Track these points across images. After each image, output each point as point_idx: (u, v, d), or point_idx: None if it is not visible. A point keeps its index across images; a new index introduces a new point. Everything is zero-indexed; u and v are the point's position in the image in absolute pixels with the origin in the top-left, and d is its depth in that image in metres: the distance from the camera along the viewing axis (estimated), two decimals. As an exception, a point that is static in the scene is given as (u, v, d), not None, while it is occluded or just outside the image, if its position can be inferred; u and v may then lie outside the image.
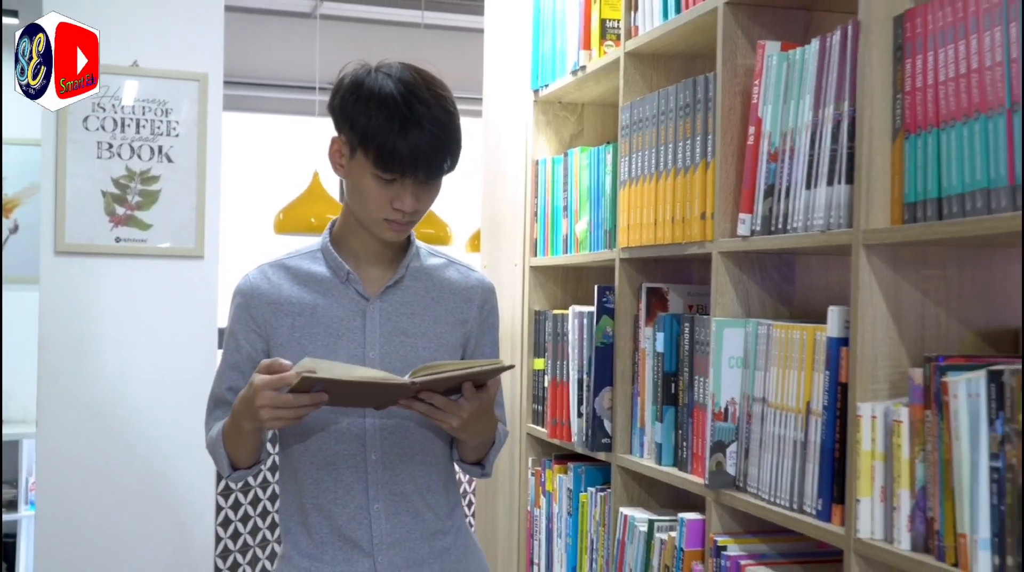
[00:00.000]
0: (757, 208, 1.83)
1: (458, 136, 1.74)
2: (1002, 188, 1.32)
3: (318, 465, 1.82)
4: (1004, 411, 1.31)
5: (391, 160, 1.68)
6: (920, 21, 1.48)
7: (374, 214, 1.75)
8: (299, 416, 1.64)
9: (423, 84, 1.72)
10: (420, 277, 1.87)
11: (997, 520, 1.32)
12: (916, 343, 1.56)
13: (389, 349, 1.81)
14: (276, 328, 1.81)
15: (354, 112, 1.71)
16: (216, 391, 1.89)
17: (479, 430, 1.76)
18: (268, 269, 1.87)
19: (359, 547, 1.82)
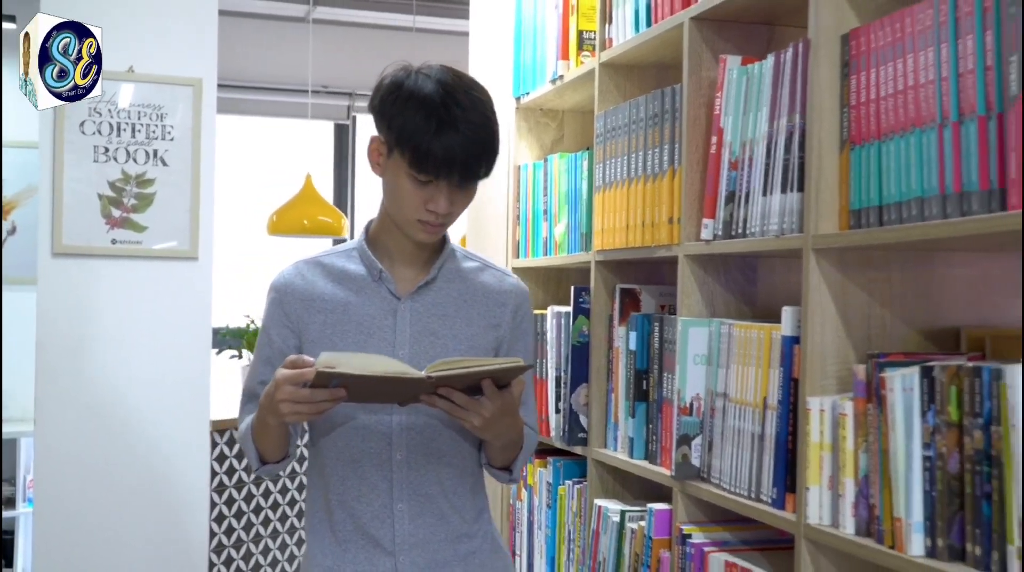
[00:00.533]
0: (719, 213, 1.93)
1: (494, 141, 1.74)
2: (934, 197, 1.42)
3: (344, 462, 1.82)
4: (935, 404, 1.41)
5: (426, 161, 1.69)
6: (864, 40, 1.58)
7: (408, 215, 1.76)
8: (318, 411, 1.64)
9: (462, 87, 1.72)
10: (453, 279, 1.87)
11: (929, 505, 1.42)
12: (862, 341, 1.66)
13: (419, 349, 1.81)
14: (308, 324, 1.83)
15: (392, 112, 1.72)
16: (248, 385, 1.90)
17: (502, 431, 1.75)
18: (303, 266, 1.89)
19: (381, 546, 1.82)
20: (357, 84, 6.88)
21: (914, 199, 1.46)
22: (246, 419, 1.86)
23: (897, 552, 1.46)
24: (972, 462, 1.35)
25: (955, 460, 1.38)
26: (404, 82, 1.72)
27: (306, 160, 6.16)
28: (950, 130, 1.40)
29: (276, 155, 6.79)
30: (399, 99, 1.71)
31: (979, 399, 1.34)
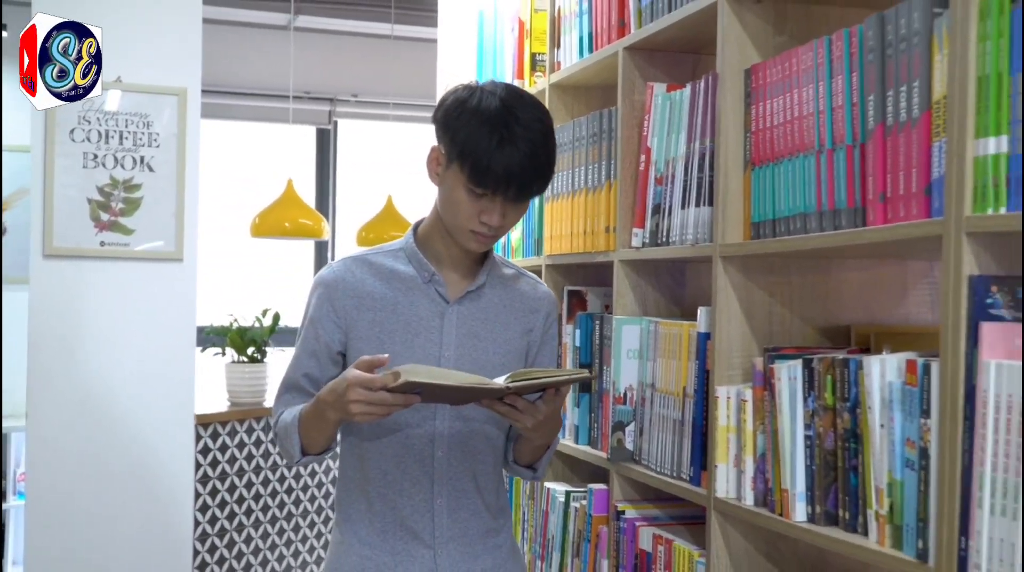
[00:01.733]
0: (647, 223, 2.16)
1: (551, 160, 1.80)
2: (813, 213, 1.66)
3: (387, 457, 1.87)
4: (814, 391, 1.64)
5: (485, 175, 1.73)
6: (762, 75, 1.81)
7: (462, 224, 1.80)
8: (389, 413, 1.68)
9: (523, 106, 1.77)
10: (496, 285, 1.94)
11: (809, 477, 1.66)
12: (764, 337, 1.90)
13: (463, 351, 1.86)
14: (357, 321, 1.86)
15: (456, 125, 1.77)
16: (291, 376, 1.92)
17: (548, 432, 1.82)
18: (351, 262, 1.92)
19: (420, 539, 1.87)
20: (338, 90, 7.09)
21: (799, 214, 1.69)
22: (288, 410, 1.89)
23: (784, 519, 1.69)
24: (843, 440, 1.59)
25: (830, 439, 1.61)
26: (469, 98, 1.78)
27: (288, 164, 6.37)
28: (825, 156, 1.63)
29: (259, 159, 6.99)
30: (464, 114, 1.76)
31: (847, 386, 1.57)
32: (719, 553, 1.88)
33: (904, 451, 1.45)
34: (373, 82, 6.96)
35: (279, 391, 1.93)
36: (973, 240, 1.31)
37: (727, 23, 1.88)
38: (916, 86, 1.43)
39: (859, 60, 1.56)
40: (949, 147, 1.34)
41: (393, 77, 6.66)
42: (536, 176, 1.77)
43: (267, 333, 4.87)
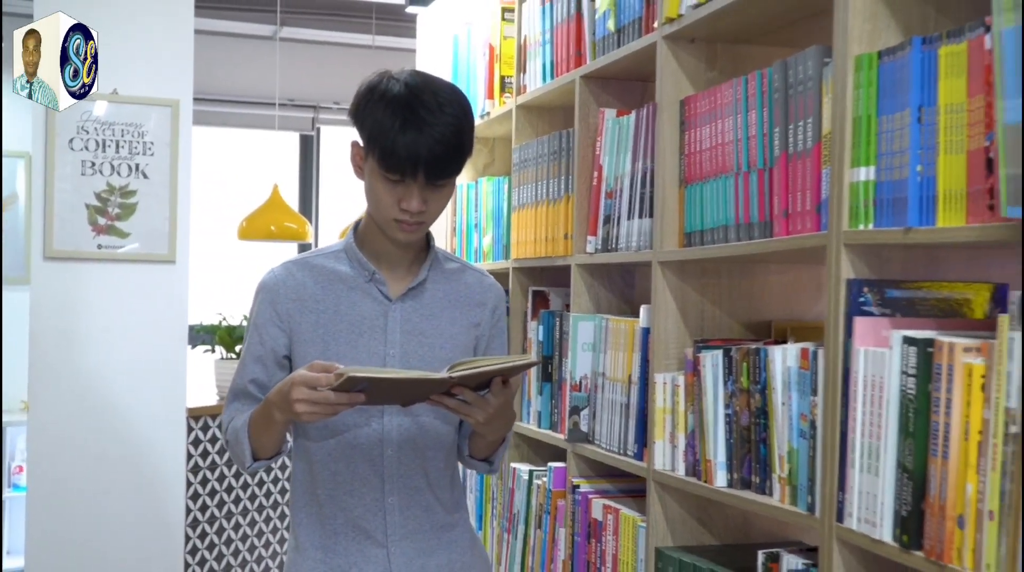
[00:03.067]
0: (599, 232, 2.46)
1: (461, 141, 1.77)
2: (732, 226, 1.95)
3: (335, 458, 1.86)
4: (732, 376, 1.94)
5: (392, 158, 1.72)
6: (694, 106, 2.11)
7: (385, 214, 1.80)
8: (335, 413, 1.68)
9: (430, 89, 1.76)
10: (439, 280, 1.92)
11: (728, 449, 1.95)
12: (696, 331, 2.19)
13: (409, 349, 1.86)
14: (300, 323, 1.85)
15: (364, 114, 1.78)
16: (238, 383, 1.91)
17: (500, 425, 1.80)
18: (293, 266, 1.91)
19: (373, 538, 1.87)
20: (321, 97, 7.37)
21: (721, 226, 1.99)
22: (238, 417, 1.89)
23: (708, 485, 1.98)
24: (754, 417, 1.88)
25: (745, 416, 1.91)
26: (376, 87, 1.78)
27: (274, 169, 6.64)
28: (742, 178, 1.93)
29: (246, 164, 7.26)
30: (370, 102, 1.77)
31: (758, 371, 1.87)
32: (657, 518, 2.18)
33: (799, 424, 1.75)
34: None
35: (227, 399, 1.92)
36: (849, 250, 1.61)
37: (664, 60, 2.17)
38: (810, 122, 1.73)
39: (768, 98, 1.86)
40: (832, 174, 1.64)
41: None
42: (445, 158, 1.74)
43: (254, 331, 5.13)
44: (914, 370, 1.45)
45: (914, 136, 1.48)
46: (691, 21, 2.07)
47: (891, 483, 1.50)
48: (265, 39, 7.02)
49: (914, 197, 1.48)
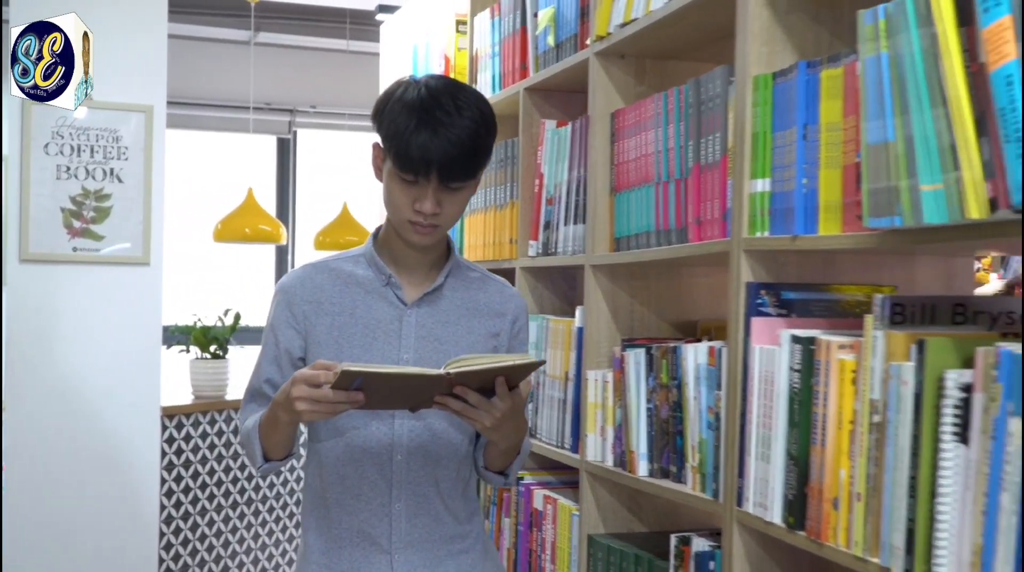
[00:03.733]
0: (540, 237, 2.59)
1: (477, 144, 1.76)
2: (653, 232, 2.09)
3: (344, 461, 1.85)
4: (653, 372, 2.07)
5: (405, 159, 1.72)
6: (622, 119, 2.24)
7: (400, 216, 1.80)
8: (334, 412, 1.66)
9: (448, 92, 1.76)
10: (458, 288, 1.91)
11: (650, 441, 2.09)
12: (627, 331, 2.32)
13: (423, 354, 1.85)
14: (315, 326, 1.86)
15: (383, 116, 1.78)
16: (254, 384, 1.92)
17: (510, 432, 1.76)
18: (311, 269, 1.92)
19: (378, 544, 1.85)
20: (297, 101, 7.49)
21: (645, 232, 2.12)
22: (251, 417, 1.89)
23: (632, 475, 2.12)
24: (672, 411, 2.02)
25: (665, 410, 2.04)
26: (396, 90, 1.80)
27: (250, 171, 6.76)
28: (662, 187, 2.06)
29: (222, 167, 7.37)
30: (389, 103, 1.78)
31: (675, 368, 2.00)
32: (589, 507, 2.31)
33: (707, 417, 1.88)
34: (330, 94, 7.37)
35: (244, 399, 1.93)
36: (748, 255, 1.75)
37: (596, 75, 2.31)
38: (718, 136, 1.87)
39: (685, 113, 1.99)
40: (734, 185, 1.78)
41: (349, 89, 7.07)
42: (459, 160, 1.73)
43: (229, 332, 5.25)
44: (799, 366, 1.59)
45: (800, 152, 1.62)
46: (619, 39, 2.20)
47: (780, 470, 1.63)
48: (241, 44, 7.14)
49: (800, 207, 1.62)
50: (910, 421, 1.35)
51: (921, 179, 1.29)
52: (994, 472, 1.23)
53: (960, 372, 1.30)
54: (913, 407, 1.34)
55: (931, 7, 1.27)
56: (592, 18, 2.31)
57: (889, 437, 1.39)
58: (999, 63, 1.17)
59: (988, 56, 1.19)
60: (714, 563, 1.85)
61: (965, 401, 1.28)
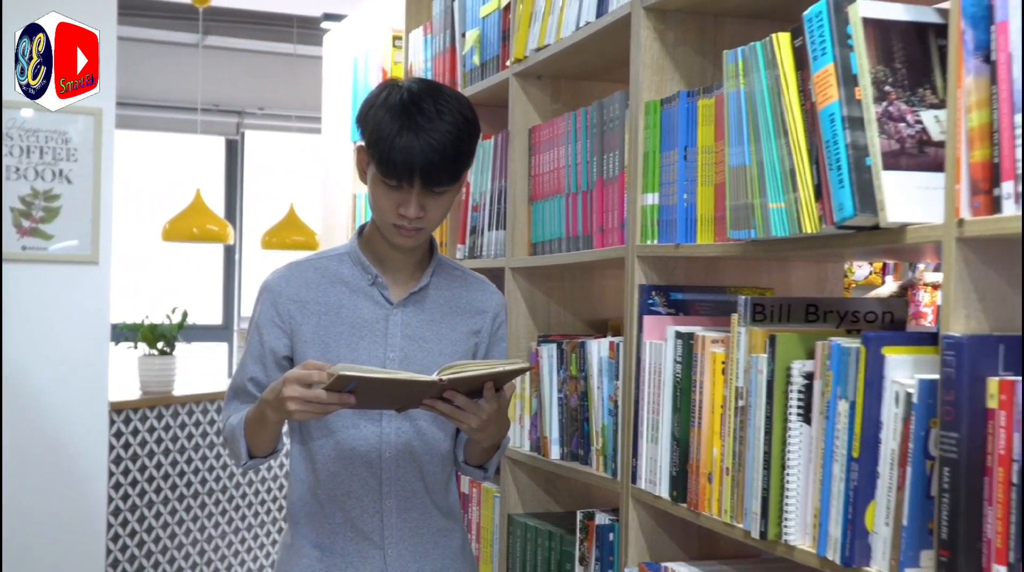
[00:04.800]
0: (467, 241, 2.80)
1: (460, 149, 1.77)
2: (563, 238, 2.31)
3: (335, 460, 1.88)
4: (563, 365, 2.29)
5: (388, 164, 1.73)
6: (538, 134, 2.46)
7: (384, 219, 1.81)
8: (325, 412, 1.69)
9: (431, 96, 1.77)
10: (441, 287, 1.94)
11: (561, 427, 2.31)
12: (544, 328, 2.54)
13: (409, 353, 1.87)
14: (301, 325, 1.87)
15: (367, 120, 1.80)
16: (237, 382, 1.93)
17: (494, 432, 1.80)
18: (296, 268, 1.93)
19: (370, 539, 1.89)
20: (245, 103, 7.63)
21: (556, 239, 2.34)
22: (234, 415, 1.90)
23: (546, 458, 2.33)
24: (580, 400, 2.24)
25: (574, 399, 2.26)
26: (380, 94, 1.81)
27: (198, 172, 6.90)
28: (571, 198, 2.28)
29: (171, 167, 7.51)
30: (373, 107, 1.79)
31: (582, 362, 2.22)
32: (509, 490, 2.52)
33: (608, 404, 2.10)
34: (277, 96, 7.52)
35: (227, 396, 1.95)
36: (641, 261, 1.97)
37: (515, 94, 2.52)
38: (617, 154, 2.09)
39: (591, 132, 2.21)
40: (629, 198, 2.00)
41: (296, 92, 7.23)
42: (441, 165, 1.75)
43: (176, 329, 5.40)
44: (681, 358, 1.81)
45: (681, 171, 1.84)
46: (535, 62, 2.42)
47: (666, 450, 1.86)
48: (189, 46, 7.27)
49: (681, 219, 1.84)
50: (764, 404, 1.58)
51: (769, 198, 1.52)
52: (828, 446, 1.46)
53: (804, 362, 1.53)
54: (767, 393, 1.57)
55: (776, 52, 1.49)
56: (512, 41, 2.53)
57: (750, 419, 1.62)
58: (825, 103, 1.40)
59: (817, 97, 1.42)
60: (613, 535, 2.07)
61: (808, 387, 1.51)
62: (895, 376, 1.37)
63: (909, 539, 1.34)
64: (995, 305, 1.29)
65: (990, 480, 1.23)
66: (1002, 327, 1.29)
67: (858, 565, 1.41)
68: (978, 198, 1.25)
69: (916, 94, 1.37)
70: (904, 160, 1.35)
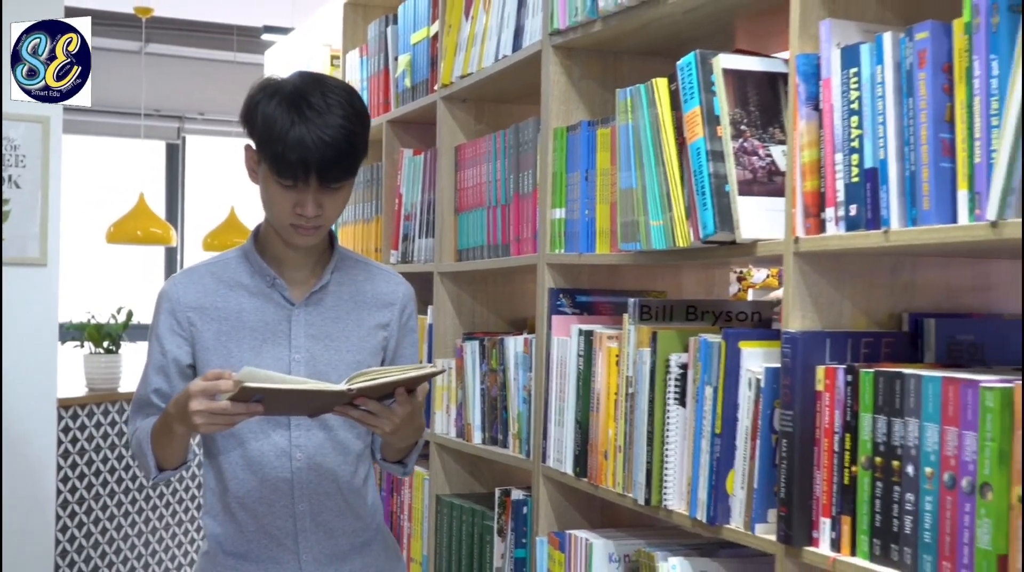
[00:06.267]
0: (400, 247, 3.06)
1: (354, 141, 1.73)
2: (486, 246, 2.58)
3: (244, 468, 1.84)
4: (485, 360, 2.56)
5: (282, 164, 1.68)
6: (463, 152, 2.72)
7: (281, 220, 1.77)
8: (232, 424, 1.66)
9: (318, 90, 1.72)
10: (343, 282, 1.89)
11: (482, 415, 2.58)
12: (469, 326, 2.81)
13: (314, 352, 1.83)
14: (201, 332, 1.82)
15: (254, 118, 1.74)
16: (141, 394, 1.88)
17: (409, 433, 1.79)
18: (193, 273, 1.87)
19: (284, 545, 1.85)
20: (186, 109, 7.81)
21: (479, 246, 2.61)
22: (140, 427, 1.86)
23: (469, 442, 2.60)
24: (500, 390, 2.51)
25: (494, 390, 2.53)
26: (265, 89, 1.75)
27: (141, 175, 7.07)
28: (491, 210, 2.55)
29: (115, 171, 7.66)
30: (259, 104, 1.73)
31: (501, 356, 2.49)
32: (437, 472, 2.79)
33: (523, 394, 2.38)
34: (218, 102, 7.72)
35: (131, 410, 1.90)
36: (550, 268, 2.24)
37: (442, 115, 2.79)
38: (531, 173, 2.36)
39: (508, 152, 2.48)
40: (540, 212, 2.27)
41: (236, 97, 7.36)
42: (336, 161, 1.71)
43: (121, 328, 5.58)
44: (583, 352, 2.09)
45: (583, 190, 2.12)
46: (460, 87, 2.69)
47: (571, 432, 2.13)
48: (132, 54, 7.43)
49: (583, 232, 2.12)
50: (648, 391, 1.86)
51: (651, 217, 1.81)
52: (697, 425, 1.75)
53: (680, 355, 1.81)
54: (650, 381, 1.85)
55: (655, 94, 1.78)
56: (440, 67, 2.79)
57: (637, 404, 1.90)
58: (693, 139, 1.69)
59: (688, 133, 1.70)
60: (526, 508, 2.34)
61: (683, 376, 1.80)
62: (749, 365, 1.66)
63: (759, 500, 1.63)
64: (825, 307, 1.58)
65: (818, 449, 1.52)
66: (830, 325, 1.58)
67: (720, 523, 1.70)
68: (809, 220, 1.54)
69: (767, 132, 1.66)
70: (756, 187, 1.64)
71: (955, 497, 1.31)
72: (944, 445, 1.32)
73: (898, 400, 1.39)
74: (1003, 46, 1.23)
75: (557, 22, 2.17)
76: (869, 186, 1.43)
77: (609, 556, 2.01)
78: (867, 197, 1.43)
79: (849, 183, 1.46)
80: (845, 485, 1.47)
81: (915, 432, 1.37)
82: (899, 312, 1.62)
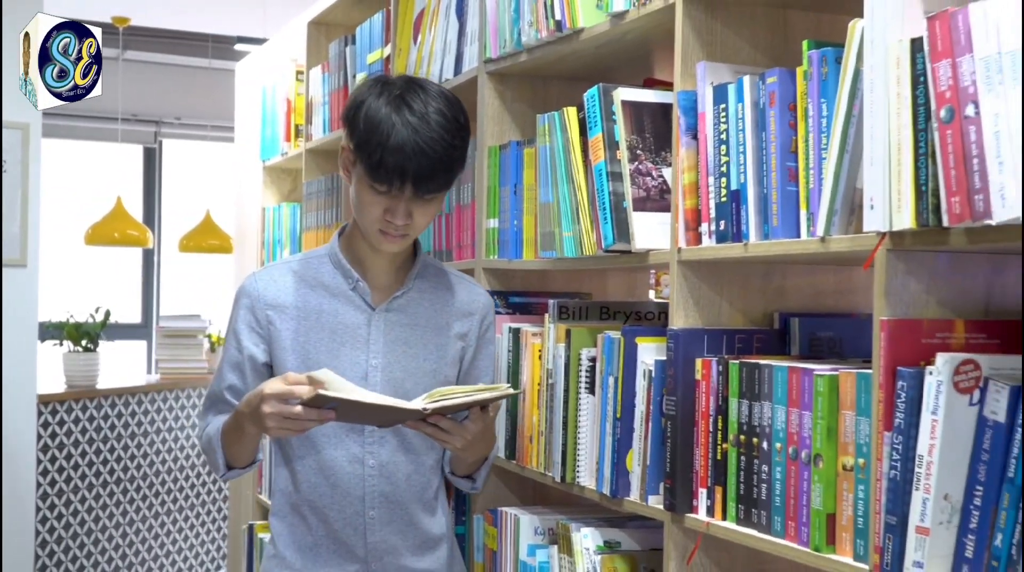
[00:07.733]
0: (358, 252, 3.30)
1: (453, 155, 1.74)
2: (432, 252, 2.82)
3: (316, 469, 1.85)
4: (431, 355, 2.80)
5: (379, 171, 1.69)
6: (413, 165, 2.96)
7: (370, 224, 1.78)
8: (304, 429, 1.67)
9: (422, 98, 1.73)
10: (425, 289, 1.90)
11: (429, 406, 2.82)
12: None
13: (391, 358, 1.83)
14: (280, 330, 1.82)
15: (354, 122, 1.75)
16: (215, 389, 1.88)
17: (480, 449, 1.83)
18: (274, 271, 1.87)
19: (352, 552, 1.87)
20: (163, 113, 8.02)
21: (428, 252, 2.85)
22: (212, 424, 1.86)
23: (417, 431, 2.85)
24: (444, 383, 2.75)
25: (439, 383, 2.77)
26: (368, 93, 1.76)
27: (119, 178, 7.28)
28: (436, 219, 2.79)
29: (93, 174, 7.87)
30: (361, 108, 1.74)
31: (445, 352, 2.74)
32: (391, 459, 3.03)
33: (463, 386, 2.62)
34: (194, 107, 7.93)
35: (204, 405, 1.90)
36: (487, 272, 2.49)
37: (395, 131, 3.03)
38: (470, 186, 2.61)
39: (451, 166, 2.72)
40: (477, 221, 2.52)
41: (211, 103, 7.64)
42: (433, 170, 1.72)
43: (99, 327, 5.79)
44: (512, 347, 2.34)
45: (512, 202, 2.37)
46: (410, 105, 2.93)
47: (503, 419, 2.38)
48: (109, 60, 7.64)
49: (512, 240, 2.37)
50: (563, 381, 2.11)
51: (564, 228, 2.06)
52: (603, 411, 2.00)
53: (590, 350, 2.06)
54: (564, 372, 2.10)
55: (567, 121, 2.03)
56: (393, 86, 3.03)
57: (556, 393, 2.14)
58: (597, 161, 1.94)
59: (592, 155, 1.95)
60: (466, 489, 2.59)
61: (592, 368, 2.05)
62: (643, 358, 1.91)
63: (652, 475, 1.88)
64: (706, 308, 1.83)
65: (697, 430, 1.77)
66: (710, 323, 1.84)
67: (621, 496, 1.95)
68: (689, 233, 1.79)
69: (660, 155, 1.92)
70: (649, 204, 1.90)
71: (796, 467, 1.56)
72: (789, 423, 1.58)
73: (757, 386, 1.65)
74: (830, 91, 1.49)
75: (489, 52, 2.42)
76: (734, 205, 1.68)
77: (535, 529, 2.25)
78: (732, 214, 1.69)
79: (719, 202, 1.72)
80: (718, 460, 1.72)
81: (769, 413, 1.62)
82: (771, 312, 1.88)
